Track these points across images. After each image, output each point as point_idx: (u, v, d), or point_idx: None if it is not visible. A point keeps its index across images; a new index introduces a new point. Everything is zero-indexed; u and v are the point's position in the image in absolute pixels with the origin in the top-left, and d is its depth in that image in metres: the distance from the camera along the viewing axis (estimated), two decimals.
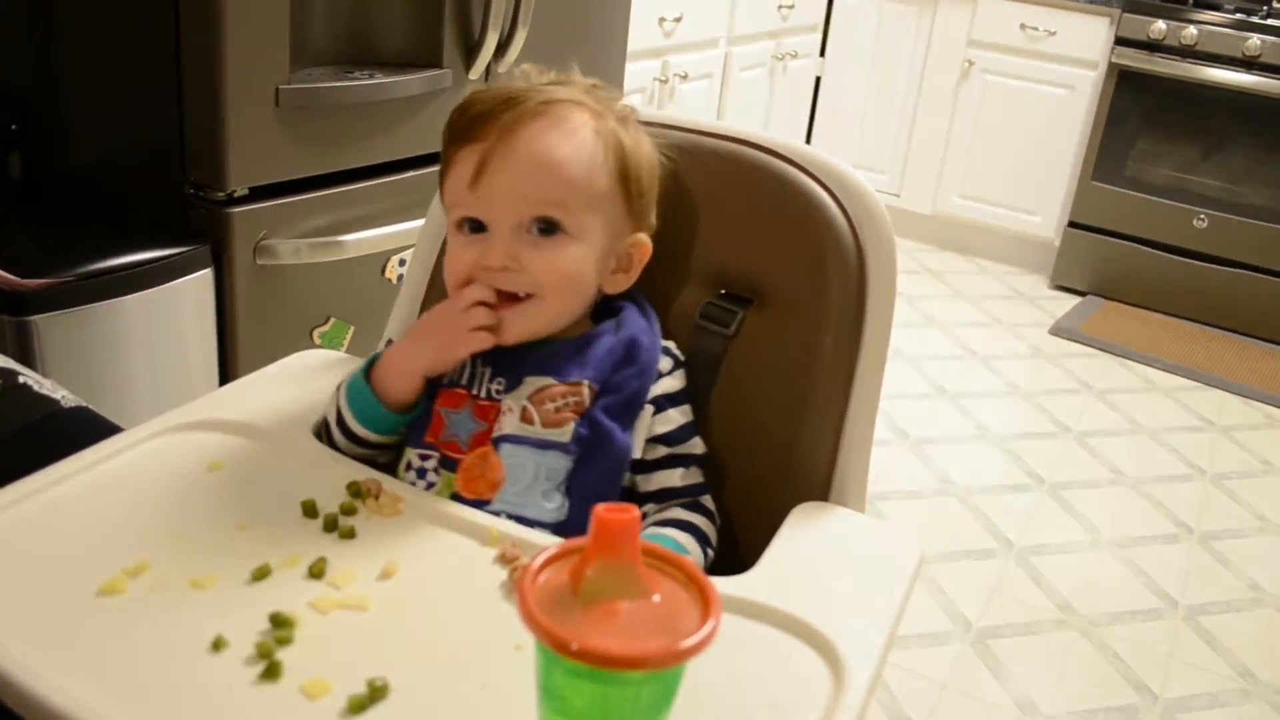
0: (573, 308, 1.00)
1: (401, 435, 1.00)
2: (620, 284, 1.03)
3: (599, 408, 0.97)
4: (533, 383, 0.97)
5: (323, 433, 1.01)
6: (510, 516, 0.92)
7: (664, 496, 1.01)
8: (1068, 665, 2.14)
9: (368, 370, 0.99)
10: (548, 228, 0.95)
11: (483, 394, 0.98)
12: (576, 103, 0.97)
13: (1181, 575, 2.48)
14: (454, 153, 0.97)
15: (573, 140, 0.96)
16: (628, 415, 0.98)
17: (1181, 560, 2.54)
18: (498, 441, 0.96)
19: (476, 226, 0.97)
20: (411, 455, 0.99)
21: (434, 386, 1.00)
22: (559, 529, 0.93)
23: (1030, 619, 2.26)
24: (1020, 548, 2.51)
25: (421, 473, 0.98)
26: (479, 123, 0.96)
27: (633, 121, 1.02)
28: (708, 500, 1.02)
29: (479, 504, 0.94)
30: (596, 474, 0.96)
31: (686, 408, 1.03)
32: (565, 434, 0.96)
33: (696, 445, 1.03)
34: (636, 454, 0.98)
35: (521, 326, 0.97)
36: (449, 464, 0.97)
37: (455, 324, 0.96)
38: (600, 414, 0.96)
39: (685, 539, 0.96)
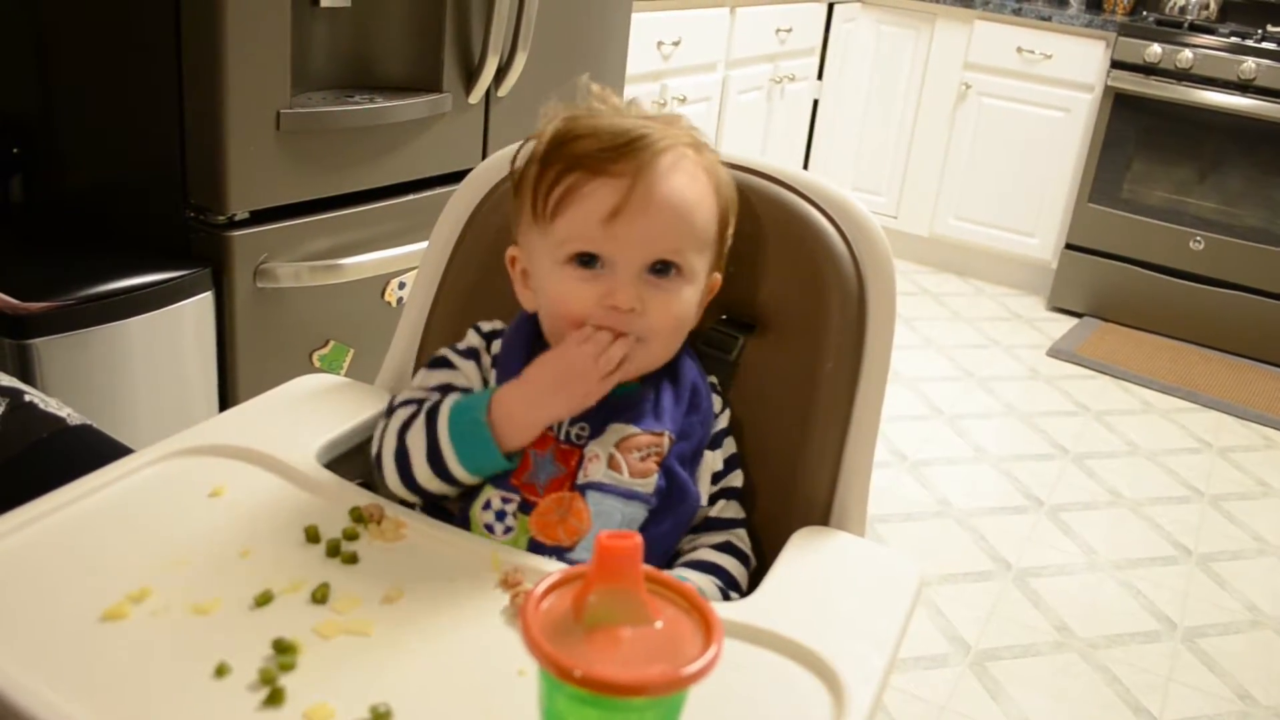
0: (674, 350, 0.99)
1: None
2: (700, 323, 1.03)
3: (674, 457, 0.96)
4: (618, 430, 0.96)
5: (384, 464, 0.96)
6: None
7: (700, 528, 1.01)
8: (1066, 687, 2.14)
9: (485, 411, 0.93)
10: (664, 269, 0.94)
11: (565, 438, 0.96)
12: (694, 145, 0.97)
13: (1180, 597, 2.48)
14: (577, 182, 0.93)
15: (695, 184, 0.95)
16: (696, 463, 0.98)
17: (1180, 582, 2.54)
18: (584, 489, 0.94)
19: (591, 261, 0.94)
20: (493, 496, 0.95)
21: None
22: None
23: (1029, 641, 2.26)
24: (1018, 569, 2.51)
25: (500, 515, 0.95)
26: (612, 159, 0.92)
27: (719, 160, 1.01)
28: (741, 537, 1.01)
29: (558, 551, 0.92)
30: (670, 524, 0.96)
31: (731, 441, 1.04)
32: (650, 484, 0.95)
33: (736, 478, 1.03)
34: (704, 501, 0.99)
35: (628, 368, 0.95)
36: (527, 508, 0.94)
37: (589, 372, 0.92)
38: (676, 464, 0.96)
39: (704, 581, 0.96)
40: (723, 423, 1.03)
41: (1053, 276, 4.24)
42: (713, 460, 1.01)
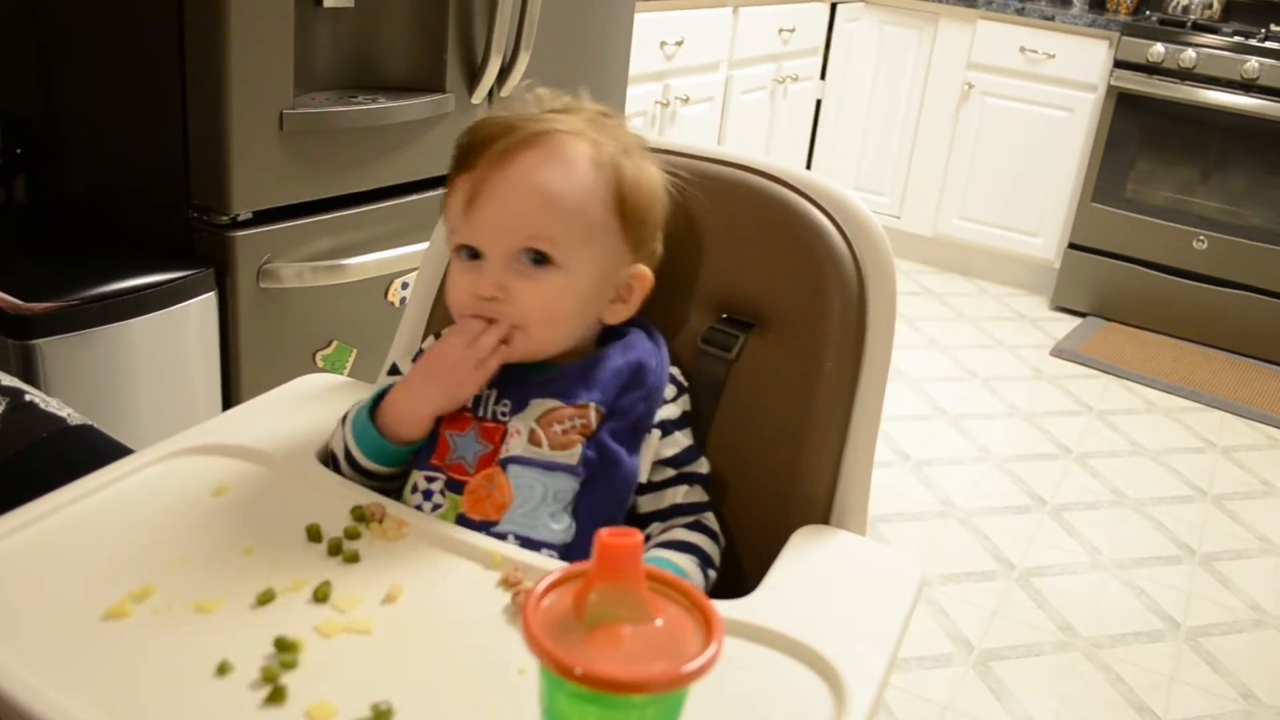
0: (559, 339, 1.00)
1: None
2: (620, 314, 1.03)
3: (606, 431, 0.97)
4: (540, 405, 0.97)
5: (329, 462, 1.01)
6: (517, 538, 0.92)
7: (669, 514, 1.01)
8: (1070, 687, 2.14)
9: (372, 410, 0.99)
10: (539, 258, 0.96)
11: (488, 416, 0.99)
12: (574, 133, 0.97)
13: (1183, 596, 2.48)
14: (453, 179, 0.98)
15: (567, 171, 0.95)
16: (634, 438, 0.98)
17: (1183, 581, 2.54)
18: (505, 463, 0.96)
19: (474, 254, 0.97)
20: (418, 478, 0.99)
21: None
22: (565, 551, 0.93)
23: (1032, 641, 2.26)
24: (1022, 569, 2.51)
25: (428, 495, 0.97)
26: (476, 151, 0.96)
27: (637, 150, 1.01)
28: (710, 519, 1.02)
29: (485, 525, 0.94)
30: (603, 496, 0.96)
31: (689, 430, 1.03)
32: (573, 456, 0.96)
33: (701, 465, 1.03)
34: (643, 478, 0.98)
35: (512, 354, 0.98)
36: (455, 486, 0.97)
37: (462, 362, 0.96)
38: (607, 437, 0.96)
39: (684, 560, 0.96)
40: (673, 411, 1.02)
41: (1056, 276, 4.23)
42: (659, 444, 1.00)
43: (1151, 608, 2.42)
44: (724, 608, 0.81)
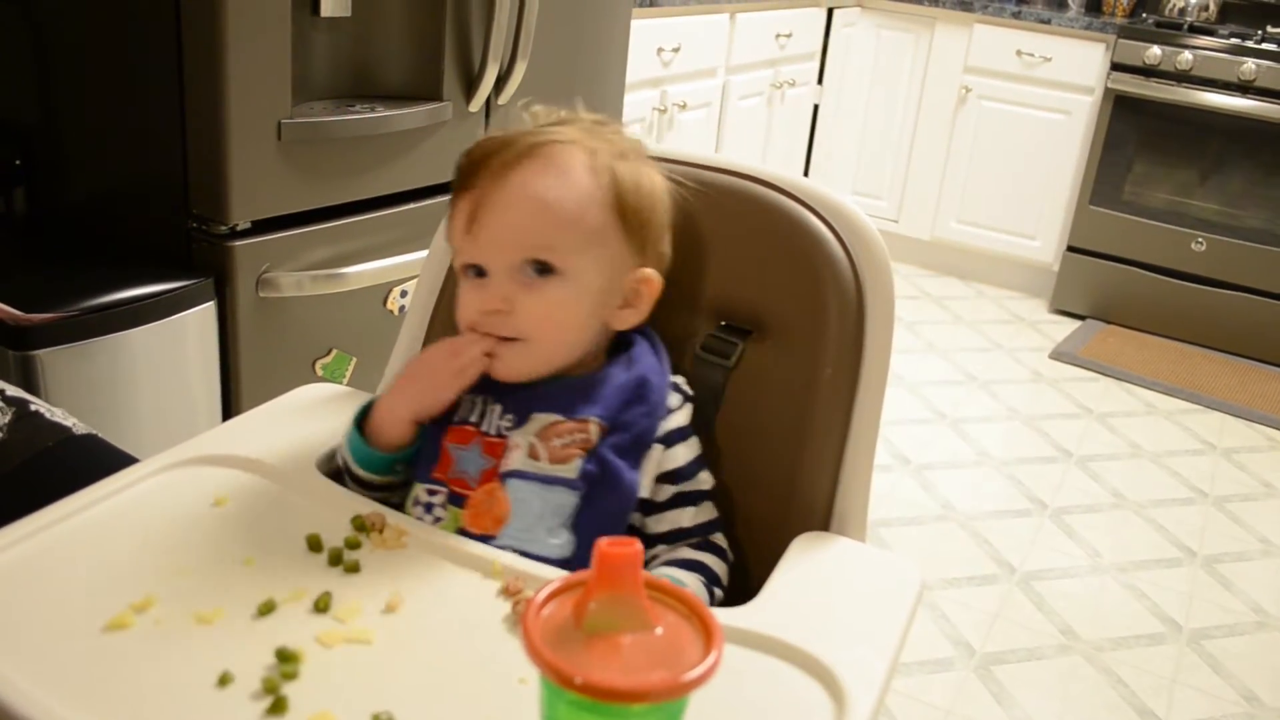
0: (567, 348, 1.00)
1: (407, 473, 1.01)
2: (629, 319, 1.02)
3: (607, 445, 0.96)
4: (541, 419, 0.97)
5: (339, 476, 1.02)
6: (516, 552, 0.92)
7: (675, 537, 1.01)
8: (1071, 691, 2.14)
9: (360, 417, 1.01)
10: (542, 269, 0.96)
11: (491, 430, 0.98)
12: (569, 142, 0.97)
13: (1184, 599, 2.48)
14: (455, 201, 0.99)
15: (563, 180, 0.96)
16: (636, 453, 0.98)
17: (1184, 584, 2.54)
18: (504, 477, 0.96)
19: (480, 271, 0.98)
20: (419, 491, 0.99)
21: (444, 423, 1.00)
22: (564, 566, 0.93)
23: (1033, 644, 2.26)
24: (1022, 573, 2.51)
25: (429, 508, 0.97)
26: (473, 170, 0.97)
27: (635, 155, 1.01)
28: (719, 537, 1.02)
29: (485, 539, 0.94)
30: (603, 512, 0.96)
31: (694, 441, 1.03)
32: (572, 470, 0.96)
33: (704, 480, 1.02)
34: (644, 493, 0.98)
35: (516, 365, 0.98)
36: (457, 500, 0.97)
37: (440, 367, 0.98)
38: (608, 451, 0.96)
39: (689, 578, 0.96)
40: (678, 421, 1.02)
41: (1054, 279, 4.24)
42: (661, 456, 1.00)
43: (1153, 610, 2.43)
44: (723, 615, 0.82)
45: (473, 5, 2.11)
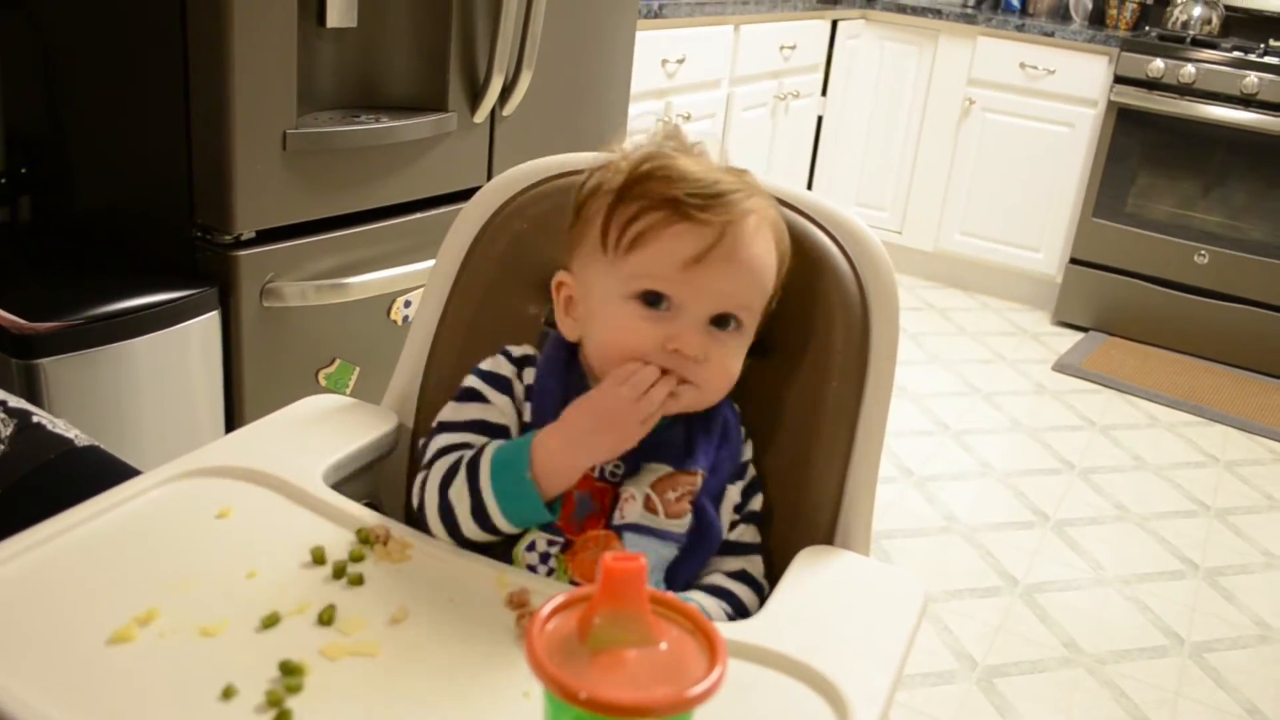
0: (721, 397, 0.98)
1: None
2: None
3: (704, 494, 0.96)
4: (653, 470, 0.96)
5: (429, 519, 0.94)
6: None
7: (717, 551, 1.00)
8: (1074, 703, 2.13)
9: (528, 465, 0.91)
10: (724, 321, 0.94)
11: (600, 475, 0.96)
12: (771, 205, 0.97)
13: (1187, 612, 2.48)
14: (660, 222, 0.92)
15: (770, 247, 0.96)
16: (722, 496, 0.99)
17: (1187, 597, 2.54)
18: (620, 529, 0.94)
19: (655, 301, 0.93)
20: (538, 537, 0.94)
21: None
22: None
23: (1036, 657, 2.26)
24: (1025, 585, 2.51)
25: (545, 558, 0.94)
26: (700, 206, 0.91)
27: (777, 210, 1.01)
28: (755, 565, 1.01)
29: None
30: (696, 560, 0.97)
31: (751, 466, 1.04)
32: (684, 525, 0.95)
33: (756, 502, 1.03)
34: (725, 534, 0.99)
35: (682, 406, 0.95)
36: (566, 547, 0.94)
37: (629, 414, 0.91)
38: (707, 501, 0.96)
39: (711, 604, 0.96)
40: (747, 453, 1.03)
41: (1058, 291, 4.24)
42: (734, 492, 1.00)
43: (1155, 623, 2.42)
44: (728, 630, 0.82)
45: (478, 16, 2.11)
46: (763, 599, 1.00)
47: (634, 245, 0.93)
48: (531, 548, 0.94)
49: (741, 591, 0.98)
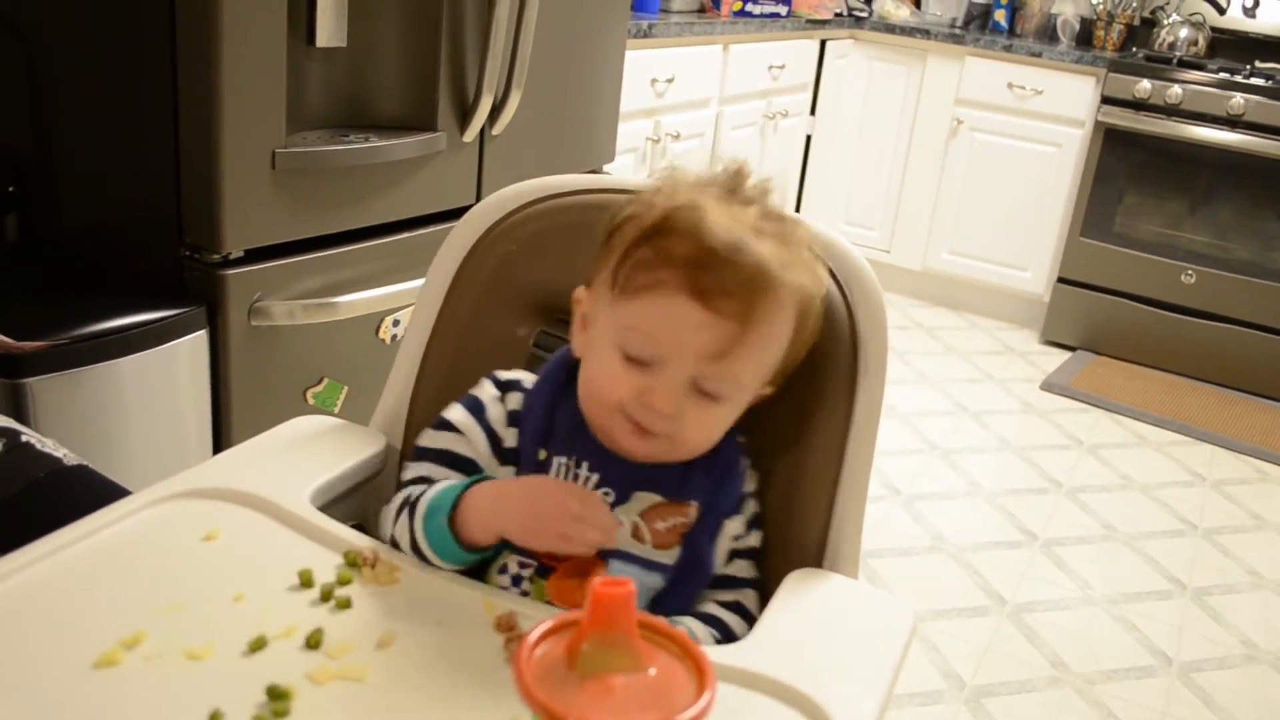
0: (703, 450, 0.96)
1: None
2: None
3: (700, 529, 0.96)
4: (643, 498, 0.95)
5: (391, 540, 0.95)
6: None
7: (711, 584, 1.00)
8: None
9: (451, 512, 0.91)
10: (716, 394, 0.91)
11: None
12: (806, 274, 0.92)
13: (1174, 631, 2.48)
14: (670, 285, 0.88)
15: (788, 327, 0.92)
16: (718, 532, 0.98)
17: (1175, 616, 2.54)
18: (606, 555, 0.93)
19: (645, 358, 0.90)
20: (510, 560, 0.94)
21: None
22: None
23: (1024, 677, 2.26)
24: (1013, 605, 2.51)
25: (516, 580, 0.94)
26: (716, 288, 0.87)
27: (819, 269, 0.96)
28: (749, 599, 1.01)
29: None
30: (684, 594, 0.96)
31: (753, 501, 1.03)
32: (671, 556, 0.95)
33: (755, 538, 1.02)
34: (717, 569, 0.98)
35: (652, 455, 0.93)
36: (544, 571, 0.93)
37: (552, 517, 0.88)
38: (702, 536, 0.96)
39: (702, 632, 0.95)
40: (750, 484, 1.02)
41: (1045, 310, 4.25)
42: (733, 526, 0.99)
43: (1143, 643, 2.42)
44: (716, 654, 0.82)
45: (467, 36, 2.12)
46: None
47: (636, 295, 0.89)
48: (504, 570, 0.94)
49: (733, 621, 0.98)
